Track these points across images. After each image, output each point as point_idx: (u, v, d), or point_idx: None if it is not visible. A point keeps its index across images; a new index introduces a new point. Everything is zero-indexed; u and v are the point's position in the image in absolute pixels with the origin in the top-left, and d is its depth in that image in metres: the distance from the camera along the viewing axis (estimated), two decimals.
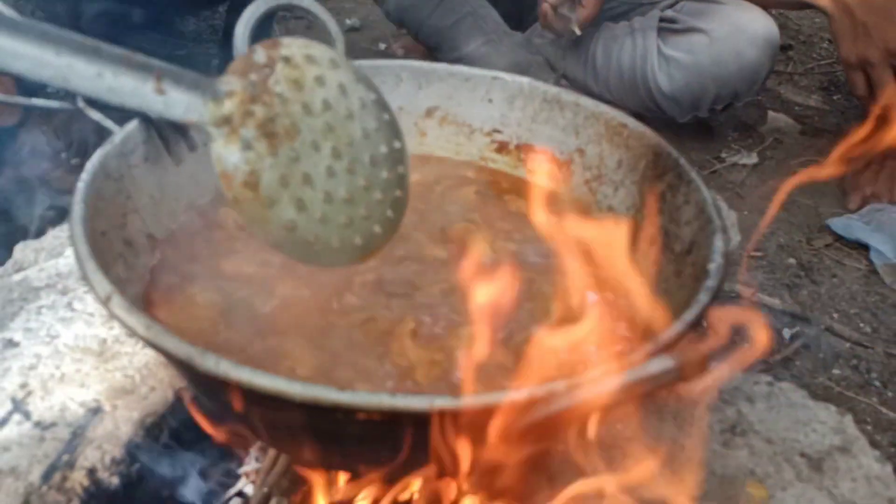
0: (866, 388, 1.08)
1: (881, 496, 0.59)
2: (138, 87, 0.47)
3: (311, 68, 0.51)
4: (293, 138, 0.49)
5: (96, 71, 0.45)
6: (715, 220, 0.59)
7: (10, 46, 0.43)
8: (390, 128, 0.56)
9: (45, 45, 0.44)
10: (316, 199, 0.50)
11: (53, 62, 0.44)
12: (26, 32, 0.44)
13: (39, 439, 0.58)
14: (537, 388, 0.40)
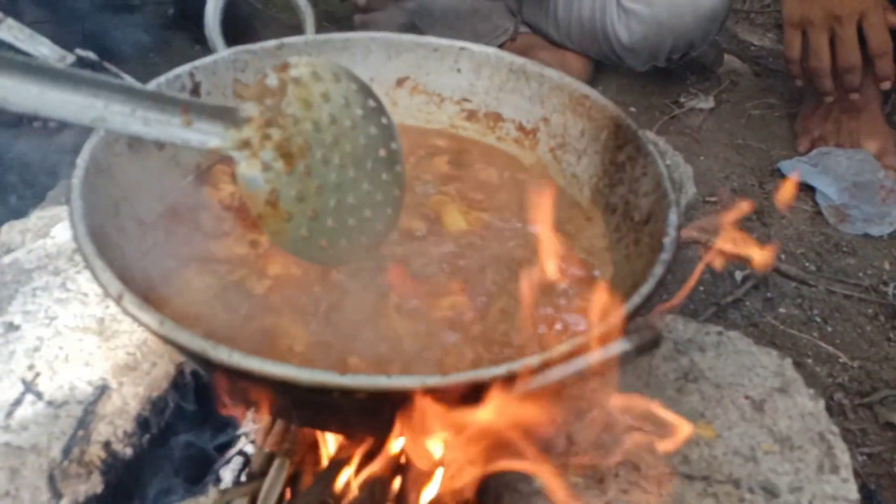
0: (808, 325, 1.17)
1: (813, 430, 0.68)
2: (168, 120, 0.50)
3: (317, 85, 0.55)
4: (306, 155, 0.54)
5: (130, 109, 0.48)
6: (670, 195, 0.64)
7: (57, 97, 0.45)
8: (388, 131, 0.61)
9: (86, 91, 0.47)
10: (328, 208, 0.55)
11: (95, 105, 0.47)
12: (66, 80, 0.46)
13: (54, 417, 0.63)
14: (515, 363, 0.46)
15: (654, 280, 0.55)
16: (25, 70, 0.45)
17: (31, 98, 0.45)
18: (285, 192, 0.53)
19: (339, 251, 0.58)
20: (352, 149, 0.57)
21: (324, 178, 0.55)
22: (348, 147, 0.56)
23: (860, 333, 1.16)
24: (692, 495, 0.60)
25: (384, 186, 0.59)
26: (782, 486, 0.62)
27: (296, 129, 0.53)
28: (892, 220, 1.39)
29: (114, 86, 0.48)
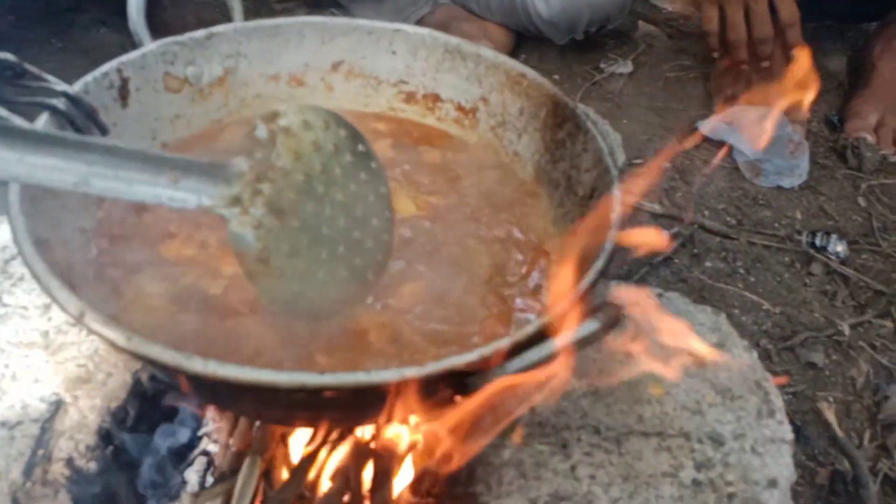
0: (733, 276, 1.25)
1: (750, 379, 0.73)
2: (154, 180, 0.48)
3: (307, 134, 0.52)
4: (297, 209, 0.51)
5: (113, 171, 0.46)
6: (612, 171, 0.67)
7: (38, 162, 0.43)
8: (377, 175, 0.58)
9: (67, 154, 0.44)
10: (319, 262, 0.52)
11: (78, 169, 0.45)
12: (47, 143, 0.44)
13: (9, 438, 0.61)
14: (486, 348, 0.48)
15: (606, 255, 0.58)
16: (1, 135, 0.43)
17: (8, 165, 0.43)
18: (277, 249, 0.51)
19: (330, 304, 0.55)
20: (343, 197, 0.54)
21: (316, 230, 0.53)
22: (339, 196, 0.54)
23: (779, 281, 1.25)
24: (649, 451, 0.65)
25: (374, 233, 0.57)
26: (727, 435, 0.67)
27: (286, 181, 0.51)
28: (801, 172, 1.49)
29: (96, 146, 0.46)
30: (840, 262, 1.27)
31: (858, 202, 1.44)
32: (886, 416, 1.00)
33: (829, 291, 1.23)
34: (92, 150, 0.46)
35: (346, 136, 0.56)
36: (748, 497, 0.62)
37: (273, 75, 0.87)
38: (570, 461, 0.63)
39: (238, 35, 0.83)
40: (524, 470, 0.61)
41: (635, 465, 0.63)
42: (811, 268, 1.27)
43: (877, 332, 1.15)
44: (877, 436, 0.99)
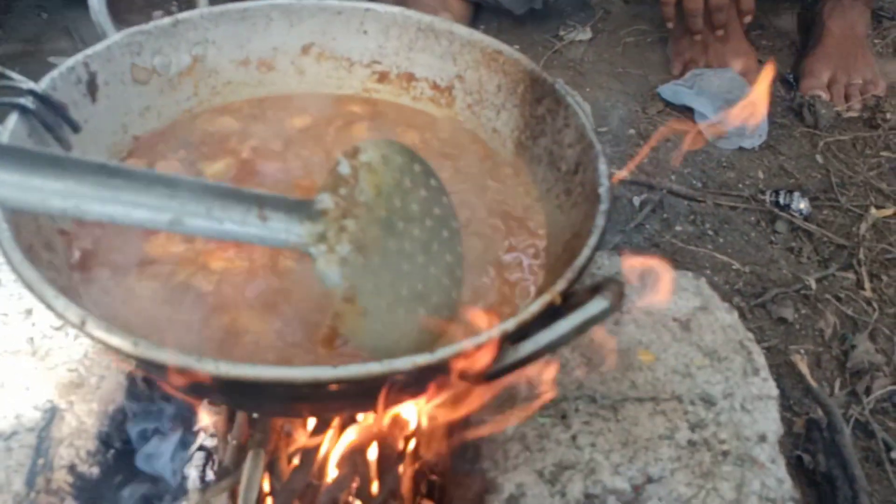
0: (702, 239, 1.28)
1: (734, 340, 0.76)
2: (244, 218, 0.47)
3: (387, 170, 0.52)
4: (380, 246, 0.51)
5: (206, 209, 0.45)
6: (596, 145, 0.68)
7: (131, 200, 0.43)
8: (448, 210, 0.58)
9: (159, 191, 0.44)
10: (400, 300, 0.51)
11: (170, 206, 0.44)
12: (139, 181, 0.44)
13: (7, 450, 0.59)
14: (493, 330, 0.49)
15: (599, 231, 0.59)
16: (97, 173, 0.42)
17: (104, 205, 0.43)
18: (362, 287, 0.50)
19: (408, 344, 0.52)
20: (420, 233, 0.54)
21: (397, 267, 0.52)
22: (416, 231, 0.53)
23: (747, 240, 1.28)
24: (644, 416, 0.67)
25: (448, 269, 0.56)
26: (717, 395, 0.70)
27: (369, 217, 0.50)
28: (760, 133, 1.53)
29: (187, 184, 0.45)
30: (803, 218, 1.31)
31: (816, 159, 1.48)
32: (854, 364, 1.05)
33: (794, 248, 1.27)
34: (184, 188, 0.45)
35: (420, 171, 0.56)
36: (741, 453, 0.65)
37: (242, 61, 0.85)
38: (571, 431, 0.65)
39: (204, 21, 0.80)
40: (528, 443, 0.63)
41: (633, 431, 0.65)
42: (776, 226, 1.31)
43: (840, 284, 1.20)
44: (846, 383, 1.04)
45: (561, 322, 0.45)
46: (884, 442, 0.94)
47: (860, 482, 0.82)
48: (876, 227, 1.30)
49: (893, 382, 1.03)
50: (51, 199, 0.42)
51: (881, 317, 1.14)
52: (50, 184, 0.42)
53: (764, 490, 0.62)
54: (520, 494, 0.60)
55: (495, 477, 0.61)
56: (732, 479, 0.63)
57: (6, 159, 0.42)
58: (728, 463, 0.63)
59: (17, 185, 0.41)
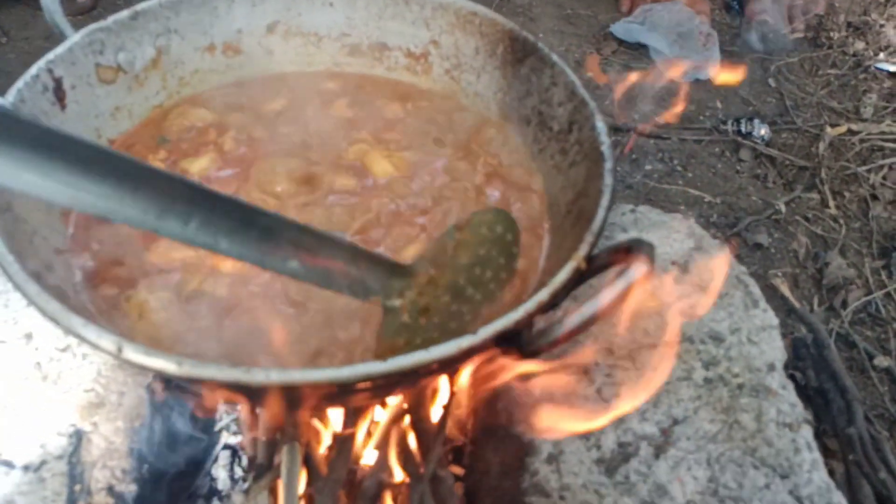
0: (672, 175, 1.31)
1: (731, 276, 0.79)
2: (348, 270, 0.50)
3: (483, 242, 0.56)
4: (445, 310, 0.54)
5: (312, 260, 0.48)
6: (590, 103, 0.68)
7: (260, 248, 0.45)
8: (512, 277, 0.59)
9: (286, 246, 0.46)
10: (447, 331, 0.54)
11: (286, 255, 0.47)
12: (262, 220, 0.45)
13: (39, 481, 0.58)
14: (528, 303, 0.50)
15: (610, 190, 0.60)
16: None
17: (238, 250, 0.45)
18: (412, 339, 0.53)
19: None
20: (481, 297, 0.56)
21: (447, 325, 0.54)
22: (479, 296, 0.56)
23: (714, 172, 1.32)
24: (660, 360, 0.69)
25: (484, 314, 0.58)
26: (724, 331, 0.73)
27: (449, 286, 0.54)
28: (714, 63, 1.55)
29: (305, 232, 0.47)
30: (765, 144, 1.35)
31: (770, 84, 1.52)
32: (829, 280, 1.11)
33: (759, 174, 1.31)
34: (299, 234, 0.47)
35: (509, 241, 0.58)
36: (755, 384, 0.68)
37: (207, 47, 0.81)
38: (595, 385, 0.67)
39: (164, 10, 0.76)
40: (556, 402, 0.65)
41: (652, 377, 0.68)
42: (740, 154, 1.34)
43: (807, 205, 1.25)
44: (824, 299, 1.10)
45: (604, 292, 0.46)
46: (865, 351, 1.00)
47: (852, 392, 0.87)
48: (833, 146, 1.35)
49: (867, 293, 1.08)
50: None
51: (848, 232, 1.20)
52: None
53: (780, 416, 0.66)
54: (558, 452, 0.62)
55: (531, 439, 0.63)
56: (751, 409, 0.66)
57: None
58: (745, 395, 0.66)
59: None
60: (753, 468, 0.62)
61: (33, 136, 0.38)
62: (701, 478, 0.61)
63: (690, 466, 0.61)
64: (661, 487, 0.60)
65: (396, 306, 0.52)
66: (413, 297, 0.53)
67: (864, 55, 1.55)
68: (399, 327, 0.52)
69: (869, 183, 1.26)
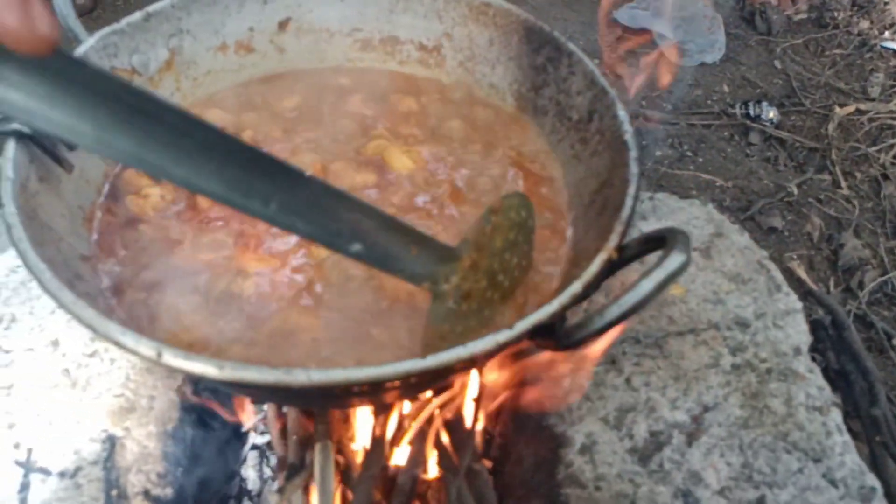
0: (683, 160, 1.31)
1: (752, 261, 0.79)
2: (400, 252, 0.50)
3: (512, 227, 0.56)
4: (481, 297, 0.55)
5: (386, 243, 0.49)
6: (610, 91, 0.67)
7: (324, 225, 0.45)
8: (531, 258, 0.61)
9: (347, 218, 0.47)
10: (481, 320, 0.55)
11: (358, 236, 0.47)
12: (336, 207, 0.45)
13: (75, 487, 0.58)
14: (562, 296, 0.49)
15: (636, 178, 0.59)
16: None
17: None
18: (453, 326, 0.53)
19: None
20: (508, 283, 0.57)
21: (481, 311, 0.55)
22: (507, 282, 0.57)
23: (725, 156, 1.32)
24: (688, 348, 0.69)
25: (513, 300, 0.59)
26: (749, 317, 0.73)
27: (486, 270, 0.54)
28: (719, 46, 1.54)
29: (376, 215, 0.47)
30: (774, 127, 1.35)
31: (776, 65, 1.51)
32: (845, 261, 1.11)
33: (770, 157, 1.31)
34: (367, 216, 0.48)
35: (531, 226, 0.59)
36: (783, 368, 0.68)
37: (220, 46, 0.80)
38: (624, 374, 0.67)
39: (176, 11, 0.76)
40: (587, 393, 0.65)
41: (681, 364, 0.68)
42: (750, 137, 1.34)
43: (819, 186, 1.25)
44: (840, 281, 1.10)
45: (643, 282, 0.46)
46: (884, 331, 1.00)
47: (874, 373, 0.87)
48: (842, 126, 1.35)
49: (883, 273, 1.08)
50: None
51: (861, 212, 1.19)
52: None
53: (809, 400, 0.66)
54: (591, 443, 0.62)
55: (564, 430, 0.63)
56: (780, 394, 0.66)
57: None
58: (773, 380, 0.67)
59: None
60: (786, 452, 0.62)
61: (133, 101, 0.38)
62: (734, 463, 0.61)
63: (723, 453, 0.62)
64: (696, 475, 0.60)
65: (445, 291, 0.52)
66: (457, 282, 0.53)
67: (869, 34, 1.54)
68: (446, 313, 0.52)
69: (879, 163, 1.25)
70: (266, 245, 0.64)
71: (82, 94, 0.38)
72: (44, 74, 0.36)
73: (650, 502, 0.57)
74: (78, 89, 0.38)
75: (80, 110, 0.38)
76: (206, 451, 0.66)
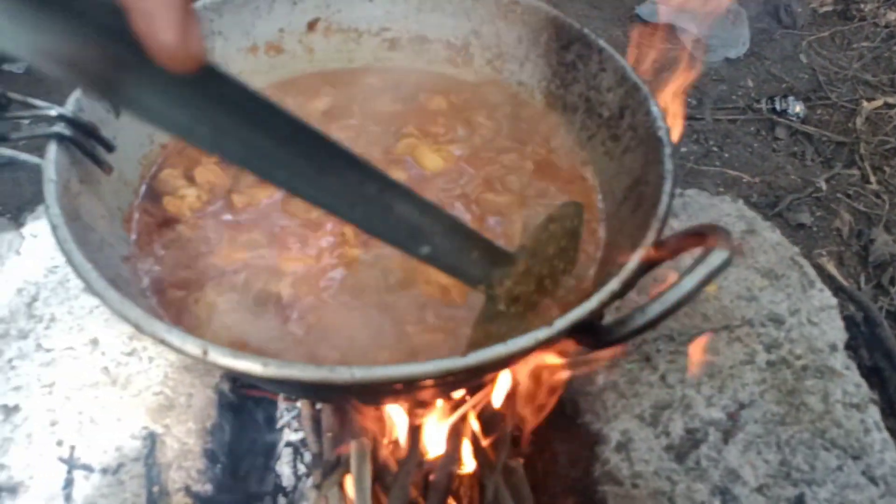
0: (709, 156, 1.30)
1: (785, 257, 0.78)
2: (463, 255, 0.50)
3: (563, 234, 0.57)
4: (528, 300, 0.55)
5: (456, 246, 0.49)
6: (642, 87, 0.67)
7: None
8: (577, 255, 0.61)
9: (420, 219, 0.47)
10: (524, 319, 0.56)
11: (427, 240, 0.48)
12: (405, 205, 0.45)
13: (118, 484, 0.59)
14: (600, 293, 0.50)
15: (672, 175, 0.59)
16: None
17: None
18: (499, 326, 0.53)
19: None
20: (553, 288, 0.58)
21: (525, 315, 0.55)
22: (551, 287, 0.57)
23: (751, 152, 1.30)
24: (722, 344, 0.69)
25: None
26: (783, 313, 0.72)
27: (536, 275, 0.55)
28: (744, 41, 1.53)
29: (443, 216, 0.48)
30: (800, 121, 1.33)
31: (801, 59, 1.50)
32: (875, 257, 1.09)
33: (797, 152, 1.30)
34: (436, 220, 0.48)
35: (579, 234, 0.60)
36: (819, 365, 0.67)
37: (250, 47, 0.81)
38: (659, 372, 0.66)
39: (208, 12, 0.76)
40: (622, 390, 0.65)
41: (715, 362, 0.67)
42: (776, 132, 1.33)
43: (847, 181, 1.23)
44: (871, 277, 1.08)
45: (685, 279, 0.46)
46: None
47: None
48: (870, 120, 1.33)
49: None
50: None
51: (891, 207, 1.18)
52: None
53: (846, 397, 0.65)
54: (627, 440, 0.62)
55: (600, 428, 0.63)
56: (817, 391, 0.65)
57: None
58: (809, 377, 0.66)
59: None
60: (824, 450, 0.61)
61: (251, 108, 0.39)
62: (772, 461, 0.60)
63: (760, 450, 0.61)
64: (733, 472, 0.60)
65: (498, 294, 0.53)
66: (510, 286, 0.53)
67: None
68: (494, 315, 0.53)
69: None
70: (300, 245, 0.65)
71: (206, 99, 0.38)
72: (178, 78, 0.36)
73: (688, 500, 0.57)
74: (203, 93, 0.38)
75: (201, 114, 0.38)
76: (243, 447, 0.67)
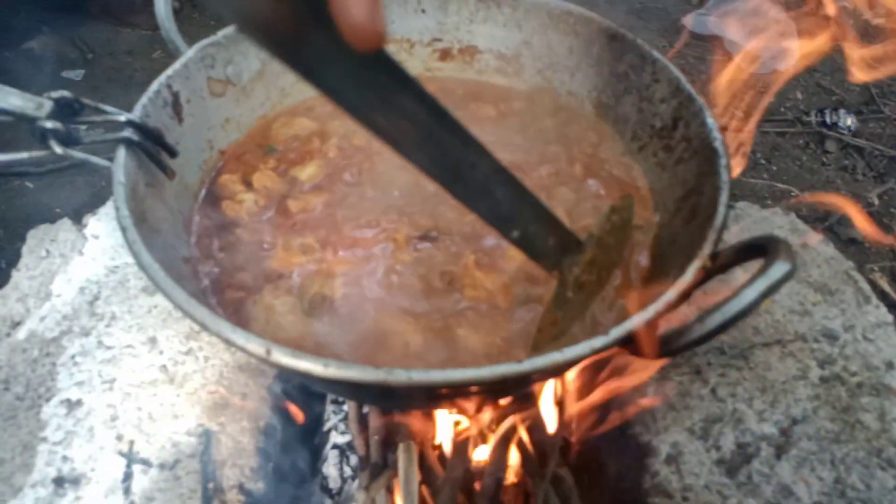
0: (757, 169, 1.28)
1: (840, 271, 0.77)
2: (547, 243, 0.52)
3: (623, 226, 0.59)
4: (590, 290, 0.57)
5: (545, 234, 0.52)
6: (697, 99, 0.67)
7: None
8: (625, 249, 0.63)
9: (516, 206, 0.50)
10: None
11: (518, 225, 0.51)
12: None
13: (174, 479, 0.61)
14: (656, 303, 0.49)
15: (727, 186, 0.59)
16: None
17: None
18: (565, 313, 0.55)
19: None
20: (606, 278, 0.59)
21: (586, 303, 0.57)
22: (604, 277, 0.59)
23: (800, 165, 1.28)
24: (774, 359, 0.68)
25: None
26: (838, 329, 0.71)
27: (599, 263, 0.56)
28: (792, 53, 1.51)
29: (538, 205, 0.50)
30: (851, 135, 1.31)
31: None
32: None
33: (847, 166, 1.27)
34: (527, 205, 0.50)
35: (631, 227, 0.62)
36: (875, 383, 0.66)
37: None
38: (709, 385, 0.66)
39: None
40: (672, 402, 0.64)
41: (767, 376, 0.67)
42: (825, 146, 1.30)
43: None
44: None
45: (746, 291, 0.46)
46: None
47: None
48: None
49: None
50: None
51: None
52: None
53: None
54: (677, 453, 0.61)
55: (649, 440, 0.62)
56: (872, 409, 0.64)
57: None
58: (864, 394, 0.65)
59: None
60: (881, 469, 0.60)
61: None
62: (826, 478, 0.59)
63: (814, 467, 0.60)
64: (786, 488, 0.59)
65: (568, 281, 0.54)
66: (578, 273, 0.55)
67: None
68: (562, 301, 0.54)
69: None
70: (353, 250, 0.66)
71: (375, 75, 0.40)
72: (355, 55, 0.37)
73: None
74: (375, 70, 0.40)
75: (366, 90, 0.40)
76: (292, 448, 0.68)
